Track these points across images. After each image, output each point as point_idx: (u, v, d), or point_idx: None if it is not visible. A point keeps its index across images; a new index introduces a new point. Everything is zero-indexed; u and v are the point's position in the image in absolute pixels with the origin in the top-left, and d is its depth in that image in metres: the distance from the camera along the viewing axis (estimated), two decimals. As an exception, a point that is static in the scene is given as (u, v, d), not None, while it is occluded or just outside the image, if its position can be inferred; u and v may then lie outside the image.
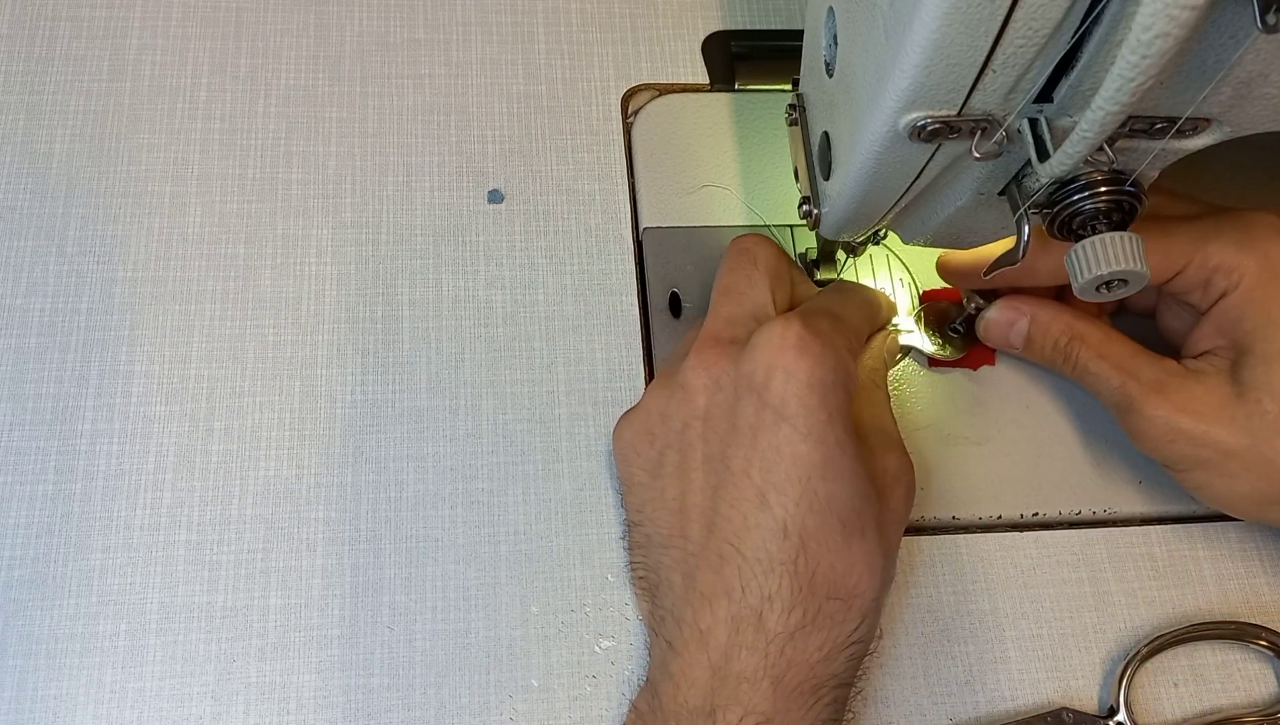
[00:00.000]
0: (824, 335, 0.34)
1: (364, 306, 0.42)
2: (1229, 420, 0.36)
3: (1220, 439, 0.36)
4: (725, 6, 0.49)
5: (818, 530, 0.33)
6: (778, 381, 0.33)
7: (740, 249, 0.39)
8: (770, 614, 0.32)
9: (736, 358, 0.35)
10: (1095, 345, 0.39)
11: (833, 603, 0.33)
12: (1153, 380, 0.37)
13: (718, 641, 0.33)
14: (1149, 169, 0.30)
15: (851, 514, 0.33)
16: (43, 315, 0.41)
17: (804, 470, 0.33)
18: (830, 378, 0.34)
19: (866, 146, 0.30)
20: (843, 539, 0.33)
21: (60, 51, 0.45)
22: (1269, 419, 0.35)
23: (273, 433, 0.40)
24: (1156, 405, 0.37)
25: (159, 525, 0.38)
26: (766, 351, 0.34)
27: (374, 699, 0.37)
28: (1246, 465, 0.36)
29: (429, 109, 0.46)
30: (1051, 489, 0.41)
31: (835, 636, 0.33)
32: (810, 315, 0.35)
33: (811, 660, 0.32)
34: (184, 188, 0.43)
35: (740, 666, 0.32)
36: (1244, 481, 0.36)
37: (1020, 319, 0.40)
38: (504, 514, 0.39)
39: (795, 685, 0.32)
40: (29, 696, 0.36)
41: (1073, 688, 0.39)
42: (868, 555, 0.33)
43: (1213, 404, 0.36)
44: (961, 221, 0.35)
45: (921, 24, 0.25)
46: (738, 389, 0.35)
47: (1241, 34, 0.25)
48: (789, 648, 0.32)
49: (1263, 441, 0.35)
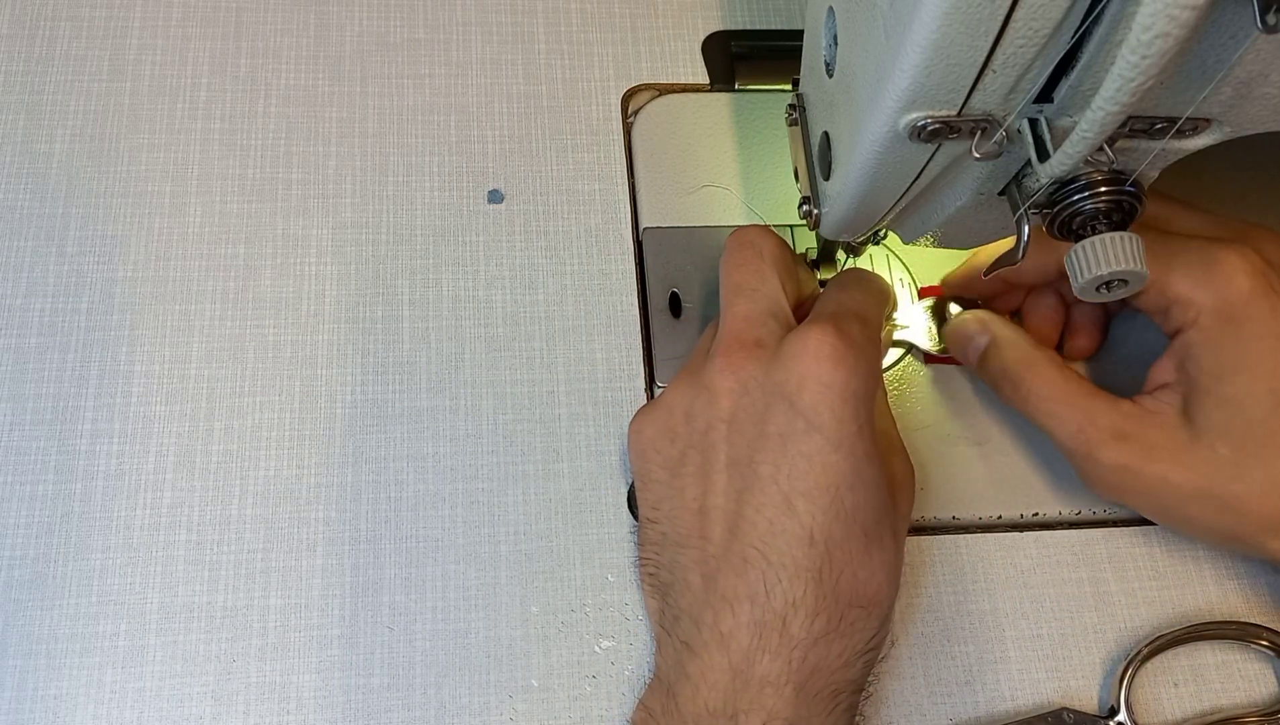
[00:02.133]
0: (858, 345, 0.34)
1: (364, 306, 0.42)
2: (1186, 467, 0.36)
3: (1177, 484, 0.36)
4: (725, 6, 0.49)
5: (843, 539, 0.33)
6: (811, 391, 0.34)
7: (744, 241, 0.39)
8: (794, 620, 0.32)
9: (766, 362, 0.35)
10: (1052, 382, 0.38)
11: (854, 610, 0.33)
12: (1110, 426, 0.37)
13: (739, 645, 0.33)
14: (1149, 169, 0.30)
15: (873, 524, 0.34)
16: (43, 315, 0.41)
17: (833, 479, 0.33)
18: (863, 389, 0.34)
19: (866, 146, 0.30)
20: (865, 548, 0.33)
21: (60, 51, 0.45)
22: (1225, 463, 0.35)
23: (273, 433, 0.40)
24: (1114, 451, 0.37)
25: (159, 525, 0.38)
26: (801, 361, 0.34)
27: (374, 699, 0.37)
28: (1203, 508, 0.36)
29: (429, 109, 0.46)
30: (1051, 489, 0.41)
31: (855, 643, 0.33)
32: (842, 320, 0.35)
33: (833, 667, 0.33)
34: (184, 188, 0.43)
35: (763, 671, 0.32)
36: (1202, 523, 0.37)
37: (981, 335, 0.40)
38: (504, 514, 0.39)
39: (817, 691, 0.32)
40: (29, 696, 0.36)
41: (1073, 688, 0.39)
42: (887, 564, 0.34)
43: (1170, 450, 0.36)
44: (961, 221, 0.35)
45: (921, 24, 0.25)
46: (767, 395, 0.34)
47: (1241, 34, 0.25)
48: (812, 654, 0.32)
49: (1218, 485, 0.36)
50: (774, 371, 0.35)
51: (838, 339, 0.34)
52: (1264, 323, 0.35)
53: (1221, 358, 0.36)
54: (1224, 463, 0.35)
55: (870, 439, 0.34)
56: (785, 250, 0.39)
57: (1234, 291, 0.36)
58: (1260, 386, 0.35)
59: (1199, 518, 0.37)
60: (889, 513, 0.35)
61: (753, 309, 0.37)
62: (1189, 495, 0.36)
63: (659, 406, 0.38)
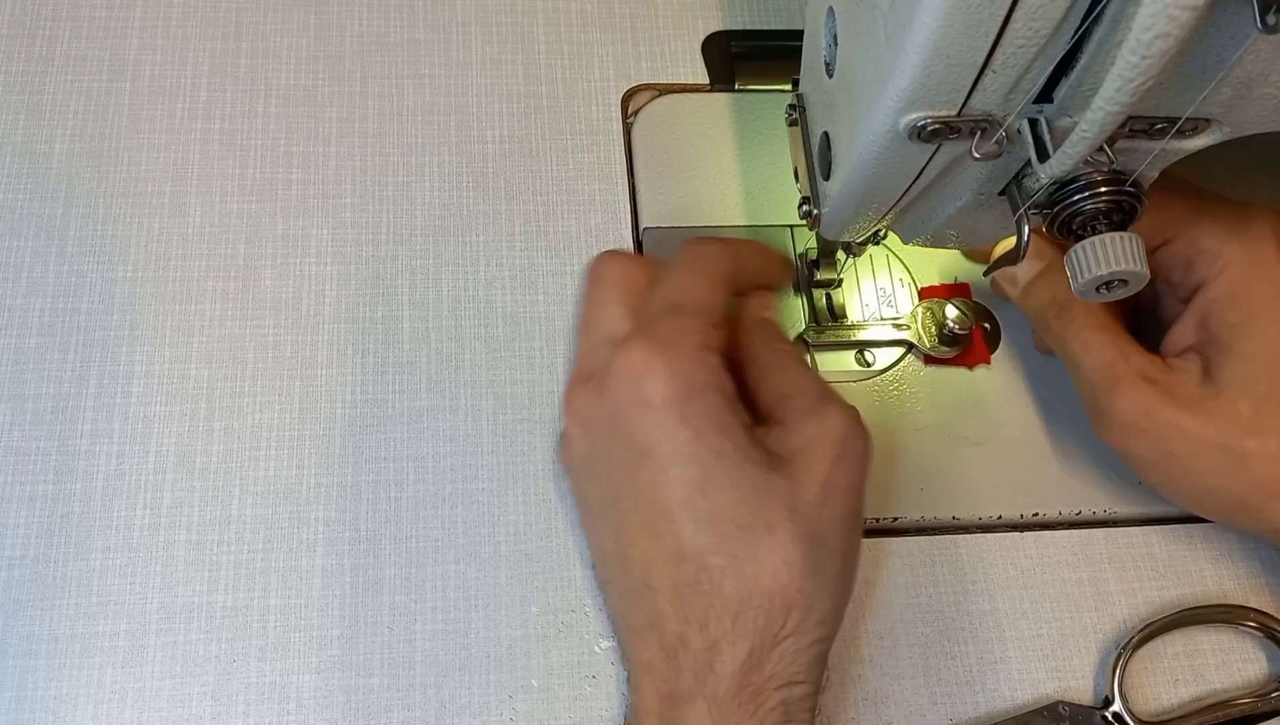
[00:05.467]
0: (666, 345, 0.34)
1: (364, 306, 0.42)
2: (1204, 417, 0.35)
3: (1194, 433, 0.35)
4: (725, 6, 0.49)
5: (715, 544, 0.32)
6: (635, 415, 0.33)
7: (590, 275, 0.39)
8: (691, 635, 0.32)
9: (595, 394, 0.35)
10: (1095, 312, 0.38)
11: (750, 610, 0.32)
12: (1140, 368, 0.37)
13: (658, 670, 0.33)
14: (1149, 169, 0.30)
15: (747, 515, 0.32)
16: (43, 315, 0.41)
17: (681, 492, 0.33)
18: (684, 389, 0.33)
19: (866, 146, 0.30)
20: (745, 542, 0.32)
21: (60, 51, 0.45)
22: (1243, 419, 0.35)
23: (273, 433, 0.40)
24: (1141, 390, 0.36)
25: (159, 525, 0.38)
26: (618, 384, 0.34)
27: (374, 699, 0.37)
28: (1216, 464, 0.36)
29: (429, 109, 0.46)
30: (1051, 489, 0.41)
31: (761, 639, 0.32)
32: (649, 324, 0.35)
33: (742, 669, 0.32)
34: (184, 188, 0.43)
35: (678, 689, 0.32)
36: (1211, 479, 0.36)
37: (1037, 260, 0.40)
38: (504, 514, 0.39)
39: (730, 698, 0.32)
40: (29, 696, 0.36)
41: (1073, 688, 0.39)
42: (778, 548, 0.32)
43: (1191, 399, 0.36)
44: (961, 221, 0.35)
45: (921, 24, 0.25)
46: (606, 428, 0.35)
47: (1241, 34, 0.25)
48: (716, 662, 0.32)
49: (1235, 441, 0.35)
50: (602, 404, 0.35)
51: (644, 347, 0.33)
52: None
53: (1246, 311, 0.35)
54: (1243, 419, 0.35)
55: (716, 433, 0.33)
56: (629, 264, 0.39)
57: (1264, 246, 0.36)
58: None
59: (1209, 474, 0.36)
60: (771, 495, 0.33)
61: (591, 342, 0.37)
62: (1204, 447, 0.36)
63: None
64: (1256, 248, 0.36)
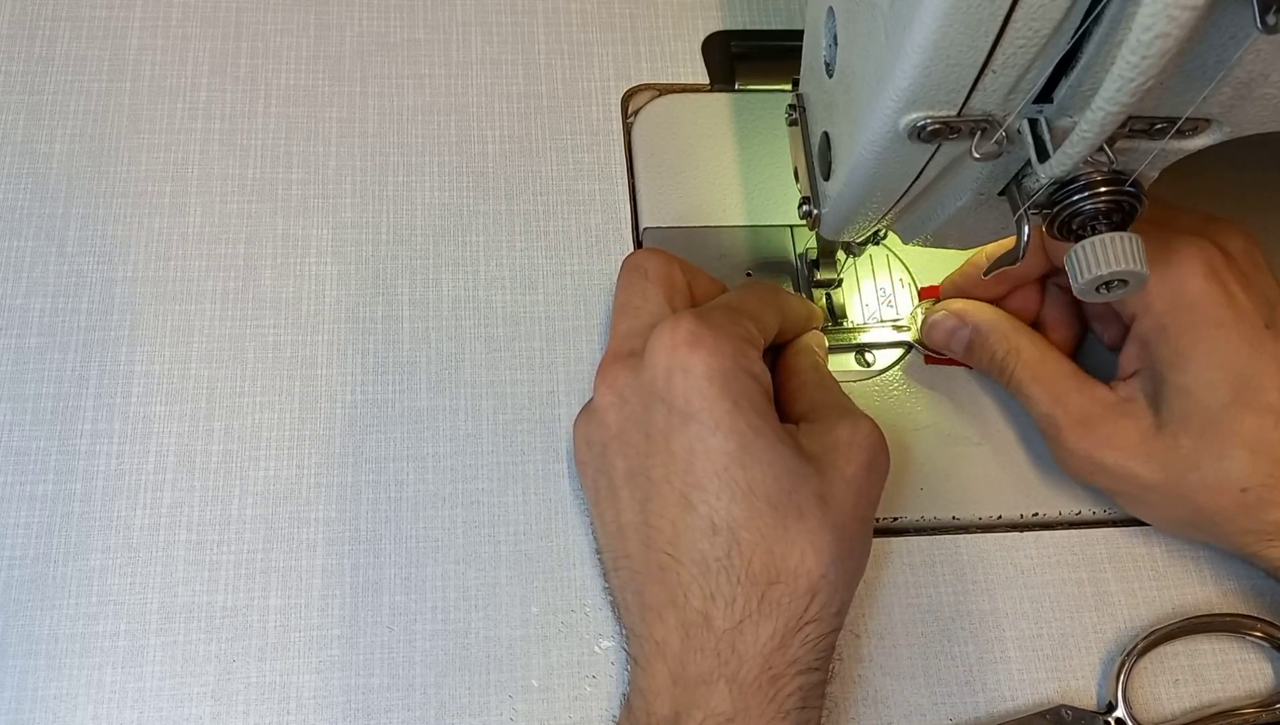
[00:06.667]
0: (716, 326, 0.34)
1: (364, 306, 0.42)
2: (1146, 456, 0.37)
3: (1138, 475, 0.37)
4: (725, 6, 0.49)
5: (747, 519, 0.32)
6: (676, 382, 0.33)
7: (631, 266, 0.39)
8: (715, 612, 0.32)
9: (636, 368, 0.35)
10: (1030, 365, 0.39)
11: (776, 588, 0.32)
12: (1079, 412, 0.38)
13: (673, 650, 0.33)
14: (1149, 169, 0.30)
15: (781, 495, 0.33)
16: (43, 315, 0.41)
17: (719, 462, 0.33)
18: (728, 366, 0.34)
19: (866, 146, 0.30)
20: (776, 521, 0.32)
21: (60, 51, 0.45)
22: (1184, 454, 0.36)
23: (273, 433, 0.40)
24: (1079, 438, 0.38)
25: (159, 525, 0.38)
26: (661, 354, 0.34)
27: (374, 699, 0.37)
28: (1164, 497, 0.37)
29: (429, 109, 0.46)
30: (1051, 489, 0.41)
31: (785, 622, 0.32)
32: (703, 310, 0.35)
33: (765, 650, 0.32)
34: (184, 188, 0.43)
35: (696, 670, 0.32)
36: (1161, 510, 0.38)
37: (962, 328, 0.41)
38: (504, 514, 0.39)
39: (752, 680, 0.32)
40: (29, 696, 0.36)
41: (1073, 688, 0.39)
42: (809, 533, 0.33)
43: (1134, 440, 0.37)
44: (961, 221, 0.35)
45: (921, 24, 0.25)
46: (643, 398, 0.35)
47: (1241, 34, 0.25)
48: (739, 642, 0.32)
49: (1176, 476, 0.36)
50: (642, 373, 0.35)
51: (693, 324, 0.34)
52: (1216, 311, 0.36)
53: (1174, 346, 0.36)
54: (1184, 454, 0.36)
55: (754, 412, 0.33)
56: (672, 265, 0.39)
57: (1188, 279, 0.36)
58: (1215, 375, 0.35)
59: (1155, 505, 0.38)
60: (806, 480, 0.33)
61: (632, 325, 0.37)
62: (1151, 485, 0.37)
63: (574, 444, 0.39)
64: (1181, 280, 0.36)
